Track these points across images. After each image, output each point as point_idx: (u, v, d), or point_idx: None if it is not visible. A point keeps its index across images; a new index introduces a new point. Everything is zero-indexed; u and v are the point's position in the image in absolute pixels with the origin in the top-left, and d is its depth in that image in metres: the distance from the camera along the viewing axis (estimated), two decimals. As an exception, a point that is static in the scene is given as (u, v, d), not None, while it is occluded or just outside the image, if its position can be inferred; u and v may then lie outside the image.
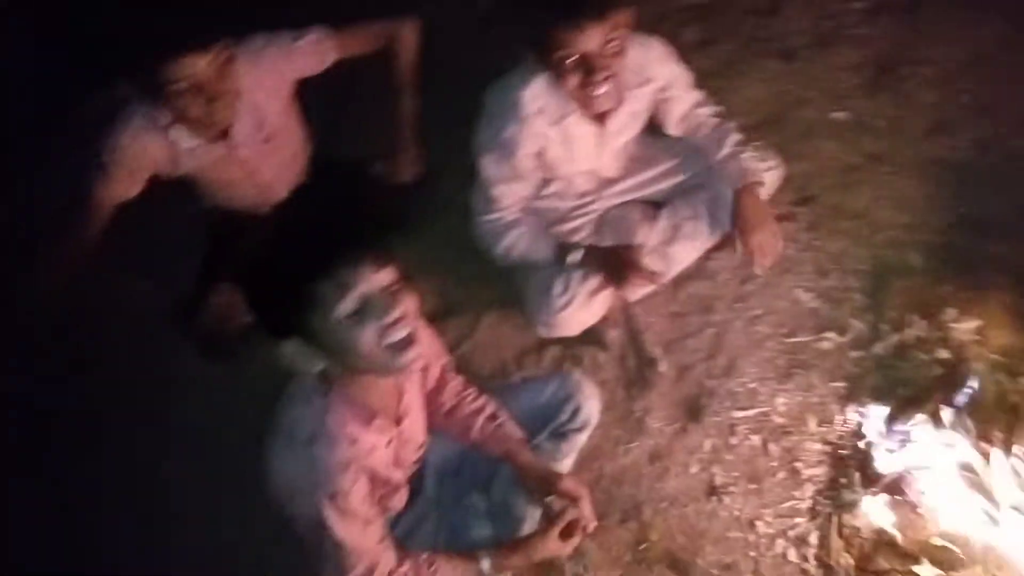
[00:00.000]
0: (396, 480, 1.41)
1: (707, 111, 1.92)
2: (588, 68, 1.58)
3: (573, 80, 1.61)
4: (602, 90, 1.63)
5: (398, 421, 1.38)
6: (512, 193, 1.83)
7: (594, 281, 1.85)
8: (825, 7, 2.52)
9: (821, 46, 2.45)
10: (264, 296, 1.19)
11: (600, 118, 1.78)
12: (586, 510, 1.48)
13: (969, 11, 2.48)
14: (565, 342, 2.04)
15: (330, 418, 1.26)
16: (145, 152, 1.75)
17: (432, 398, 1.55)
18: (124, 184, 1.78)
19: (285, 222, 1.29)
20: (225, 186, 1.92)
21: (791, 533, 1.75)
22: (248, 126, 1.82)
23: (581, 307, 1.85)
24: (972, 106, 2.32)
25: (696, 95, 1.92)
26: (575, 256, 1.83)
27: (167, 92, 1.60)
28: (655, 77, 1.81)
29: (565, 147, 1.80)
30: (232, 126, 1.78)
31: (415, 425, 1.45)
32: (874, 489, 1.74)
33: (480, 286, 2.17)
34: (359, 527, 1.31)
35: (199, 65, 1.58)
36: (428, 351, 1.48)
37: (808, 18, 2.50)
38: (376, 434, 1.31)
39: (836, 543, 1.71)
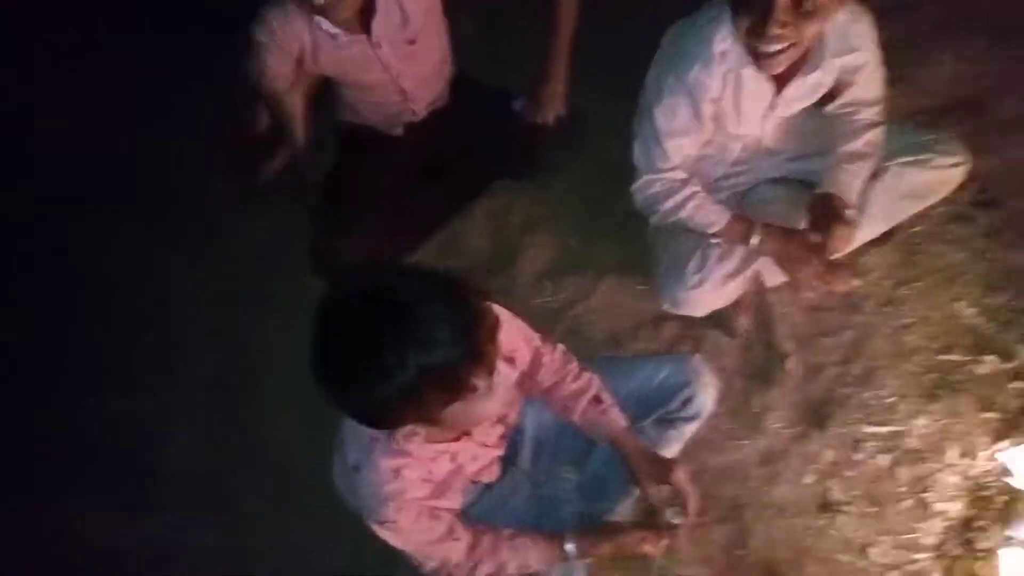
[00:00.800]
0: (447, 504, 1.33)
1: (873, 115, 1.68)
2: (766, 20, 1.39)
3: (744, 24, 1.42)
4: (774, 48, 1.44)
5: (461, 436, 1.30)
6: (683, 148, 1.64)
7: (732, 263, 1.70)
8: None
9: (1038, 26, 2.13)
10: None
11: (780, 80, 1.58)
12: (692, 509, 1.38)
13: None
14: (687, 321, 1.90)
15: (377, 448, 1.20)
16: (293, 32, 1.73)
17: (526, 379, 1.46)
18: (278, 61, 1.78)
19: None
20: (367, 89, 1.87)
21: (909, 568, 1.59)
22: (391, 22, 1.74)
23: (714, 289, 1.71)
24: None
25: (879, 92, 1.68)
26: (755, 237, 1.66)
27: None
28: (856, 51, 1.58)
29: (735, 102, 1.62)
30: (373, 18, 1.71)
31: (489, 427, 1.37)
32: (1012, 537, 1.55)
33: (604, 247, 2.06)
34: (419, 536, 1.29)
35: None
36: (514, 338, 1.38)
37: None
38: (424, 463, 1.25)
39: (959, 589, 1.55)
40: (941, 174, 1.70)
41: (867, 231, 1.80)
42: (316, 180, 2.00)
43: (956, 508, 1.63)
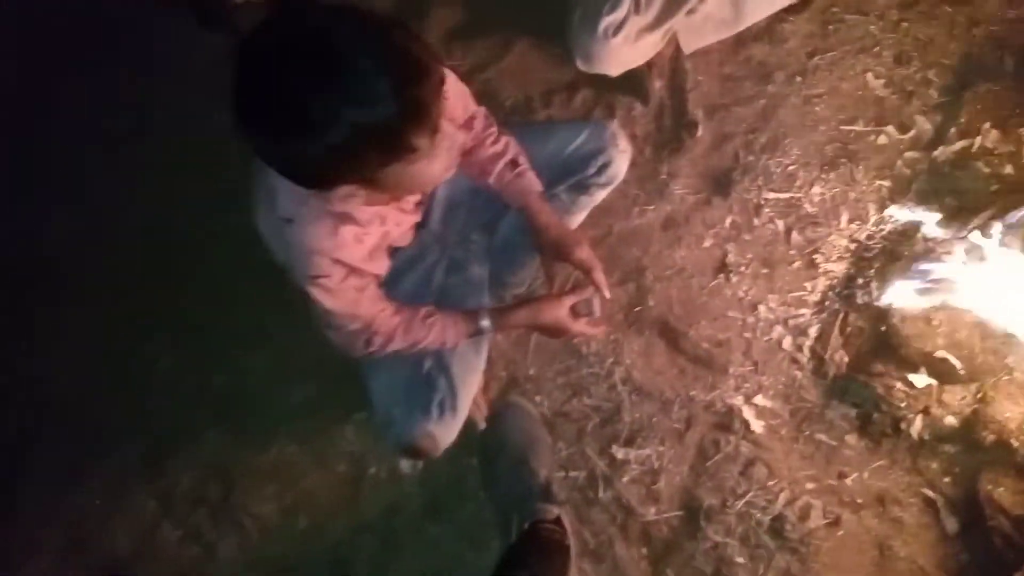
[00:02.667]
0: (374, 269, 1.28)
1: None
2: None
3: None
4: None
5: (398, 197, 1.23)
6: None
7: (650, 15, 1.63)
8: None
9: None
10: None
11: None
12: (600, 281, 1.39)
13: None
14: (601, 87, 1.85)
15: (312, 203, 1.11)
16: None
17: None
18: None
19: None
20: None
21: (792, 322, 1.70)
22: None
23: (627, 42, 1.63)
24: None
25: None
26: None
27: None
28: None
29: None
30: None
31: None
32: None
33: (519, 8, 1.93)
34: (349, 297, 1.23)
35: None
36: (455, 97, 1.30)
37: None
38: (363, 224, 1.18)
39: (835, 340, 1.67)
40: None
41: None
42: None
43: (841, 268, 1.73)
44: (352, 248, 1.19)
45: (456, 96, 1.32)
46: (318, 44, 0.91)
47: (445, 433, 1.42)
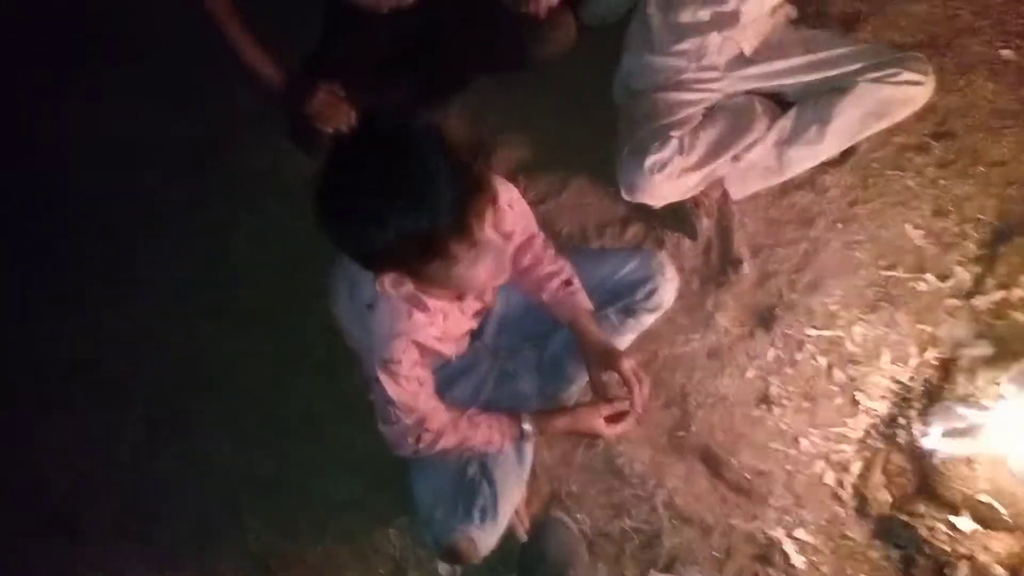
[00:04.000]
0: (447, 350, 1.42)
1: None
2: None
3: None
4: None
5: (460, 296, 1.37)
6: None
7: (694, 157, 1.78)
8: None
9: (1008, -28, 2.21)
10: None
11: None
12: (640, 398, 1.47)
13: None
14: (651, 222, 1.98)
15: (391, 293, 1.23)
16: None
17: (512, 256, 1.52)
18: None
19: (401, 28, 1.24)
20: None
21: (833, 458, 1.72)
22: None
23: (670, 178, 1.78)
24: None
25: None
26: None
27: None
28: None
29: None
30: None
31: (478, 296, 1.44)
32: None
33: (579, 147, 2.11)
34: (412, 388, 1.35)
35: None
36: (518, 217, 1.46)
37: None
38: (431, 313, 1.32)
39: (877, 478, 1.68)
40: (906, 91, 1.78)
41: (829, 148, 1.89)
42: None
43: (883, 407, 1.76)
44: (426, 329, 1.32)
45: (519, 214, 1.46)
46: (398, 150, 1.07)
47: (485, 538, 1.46)
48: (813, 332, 1.86)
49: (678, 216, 1.93)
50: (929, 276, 1.90)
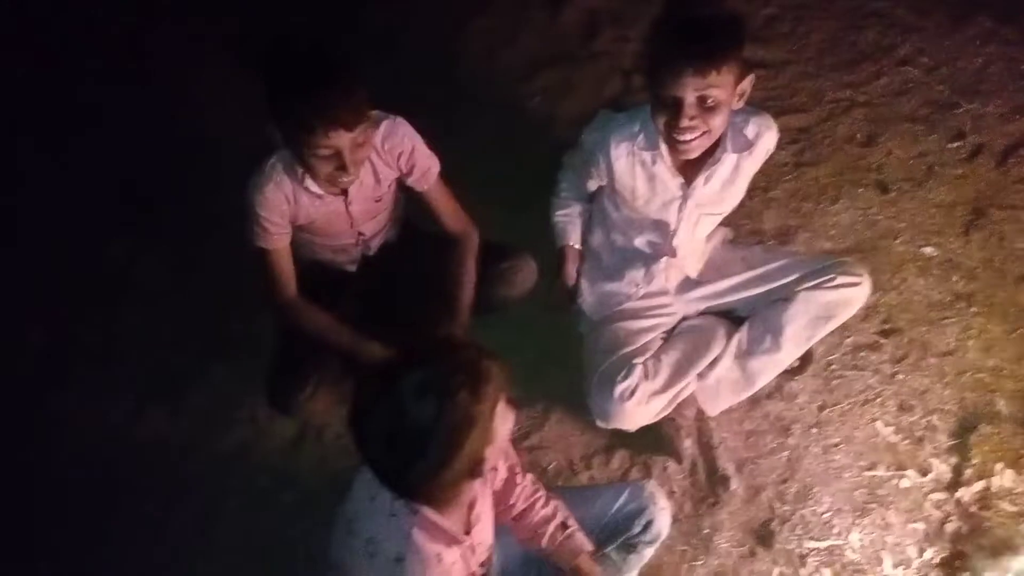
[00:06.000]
0: None
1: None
2: (676, 112, 1.64)
3: (661, 119, 1.69)
4: (687, 137, 1.69)
5: (468, 530, 1.38)
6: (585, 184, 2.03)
7: (659, 381, 1.87)
8: (920, 144, 2.56)
9: (915, 182, 2.47)
10: None
11: (687, 173, 1.84)
12: None
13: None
14: (634, 447, 2.02)
15: (419, 536, 1.27)
16: (284, 200, 1.83)
17: (500, 498, 1.54)
18: (279, 230, 1.87)
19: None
20: (329, 235, 2.00)
21: None
22: (366, 187, 1.89)
23: (639, 404, 1.85)
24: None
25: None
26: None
27: (306, 152, 1.67)
28: (760, 149, 1.85)
29: (648, 184, 1.87)
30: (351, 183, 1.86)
31: (485, 530, 1.45)
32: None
33: (554, 377, 2.17)
34: None
35: (344, 137, 1.64)
36: (498, 451, 1.49)
37: (904, 154, 2.53)
38: (456, 550, 1.33)
39: None
40: (845, 293, 1.90)
41: (787, 355, 1.99)
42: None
43: (896, 617, 1.74)
44: (455, 571, 1.31)
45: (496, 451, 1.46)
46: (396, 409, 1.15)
47: None
48: (812, 544, 1.86)
49: (660, 439, 1.98)
50: (910, 472, 1.95)
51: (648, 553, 1.67)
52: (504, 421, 1.25)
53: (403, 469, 1.15)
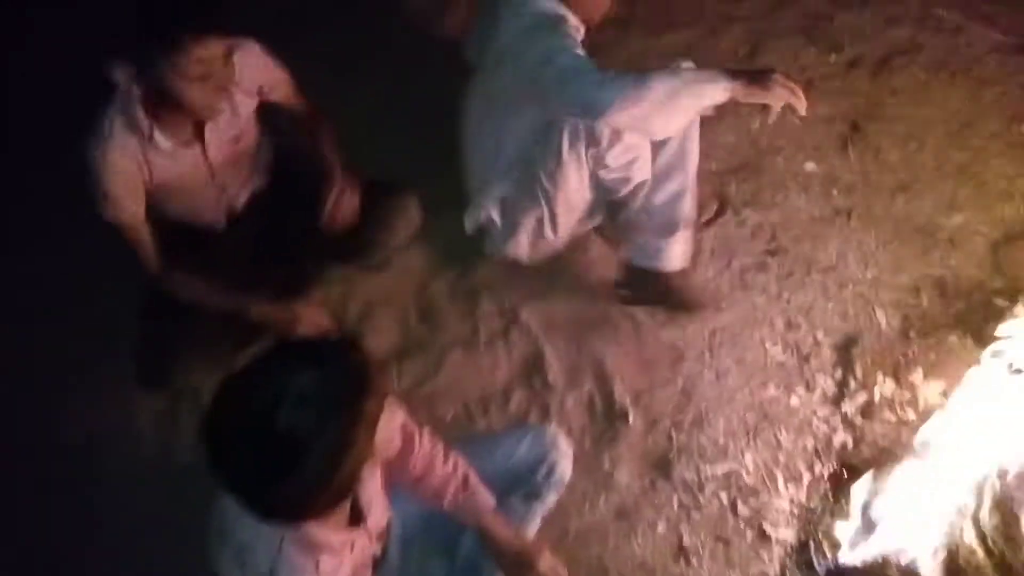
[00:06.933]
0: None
1: None
2: None
3: None
4: None
5: (357, 521, 1.27)
6: None
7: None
8: (799, 59, 2.53)
9: (795, 96, 2.45)
10: None
11: None
12: None
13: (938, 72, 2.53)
14: (533, 390, 1.96)
15: (290, 550, 1.15)
16: (133, 164, 1.64)
17: (397, 465, 1.43)
18: (132, 200, 1.68)
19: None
20: (188, 193, 1.79)
21: (759, 597, 1.72)
22: (223, 124, 1.72)
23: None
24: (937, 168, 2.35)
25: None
26: None
27: (175, 79, 1.51)
28: None
29: None
30: (206, 124, 1.68)
31: (377, 511, 1.34)
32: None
33: (445, 321, 2.08)
34: None
35: (215, 50, 1.50)
36: (389, 424, 1.37)
37: (784, 67, 2.50)
38: (338, 552, 1.21)
39: (805, 610, 1.68)
40: None
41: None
42: None
43: (790, 534, 1.79)
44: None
45: (390, 428, 1.34)
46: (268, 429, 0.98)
47: None
48: (709, 470, 1.88)
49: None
50: (799, 389, 1.99)
51: (552, 498, 1.63)
52: (389, 422, 1.16)
53: (269, 486, 1.00)
